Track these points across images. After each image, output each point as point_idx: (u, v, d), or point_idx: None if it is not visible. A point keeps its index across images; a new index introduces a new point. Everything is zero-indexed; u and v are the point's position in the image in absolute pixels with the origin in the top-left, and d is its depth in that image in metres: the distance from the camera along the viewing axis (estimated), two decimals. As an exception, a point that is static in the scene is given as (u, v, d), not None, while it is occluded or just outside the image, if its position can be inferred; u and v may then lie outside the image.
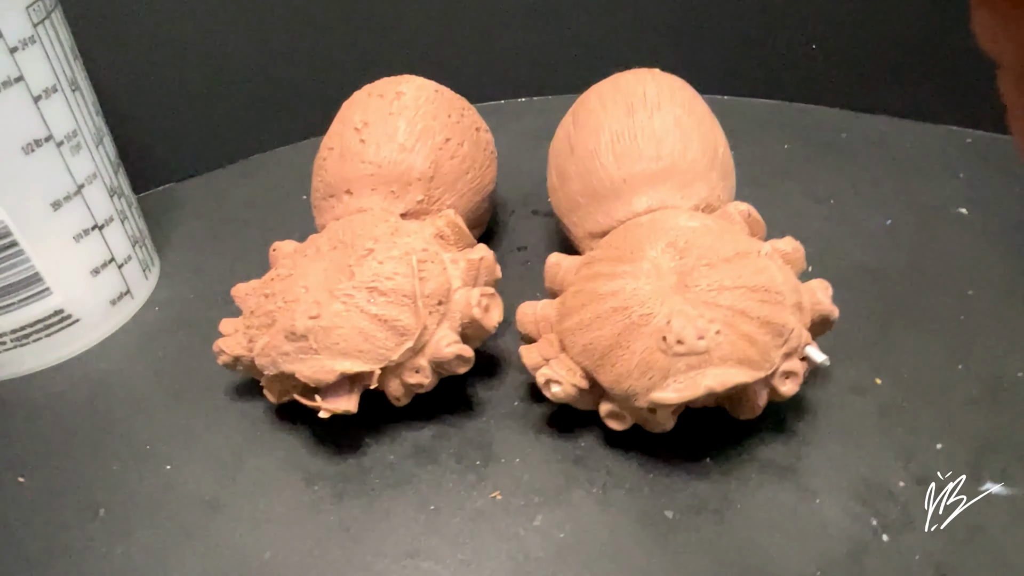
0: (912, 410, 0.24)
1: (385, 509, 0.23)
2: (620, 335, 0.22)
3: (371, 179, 0.28)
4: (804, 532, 0.21)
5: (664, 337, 0.21)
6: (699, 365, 0.21)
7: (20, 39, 0.25)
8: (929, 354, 0.26)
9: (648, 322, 0.22)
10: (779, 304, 0.22)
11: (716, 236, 0.23)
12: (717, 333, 0.21)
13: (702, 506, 0.22)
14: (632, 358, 0.22)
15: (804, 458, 0.23)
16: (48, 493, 0.25)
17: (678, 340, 0.21)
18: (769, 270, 0.22)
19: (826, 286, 0.24)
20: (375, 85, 0.30)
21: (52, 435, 0.27)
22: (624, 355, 0.22)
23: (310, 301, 0.24)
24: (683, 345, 0.21)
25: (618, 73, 0.29)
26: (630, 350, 0.22)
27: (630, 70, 0.29)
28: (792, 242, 0.25)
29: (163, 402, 0.28)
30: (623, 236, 0.25)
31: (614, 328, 0.22)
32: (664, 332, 0.21)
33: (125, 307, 0.31)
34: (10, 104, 0.25)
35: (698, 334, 0.21)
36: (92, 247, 0.29)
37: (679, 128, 0.26)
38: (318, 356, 0.23)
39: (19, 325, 0.28)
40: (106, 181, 0.30)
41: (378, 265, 0.24)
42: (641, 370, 0.22)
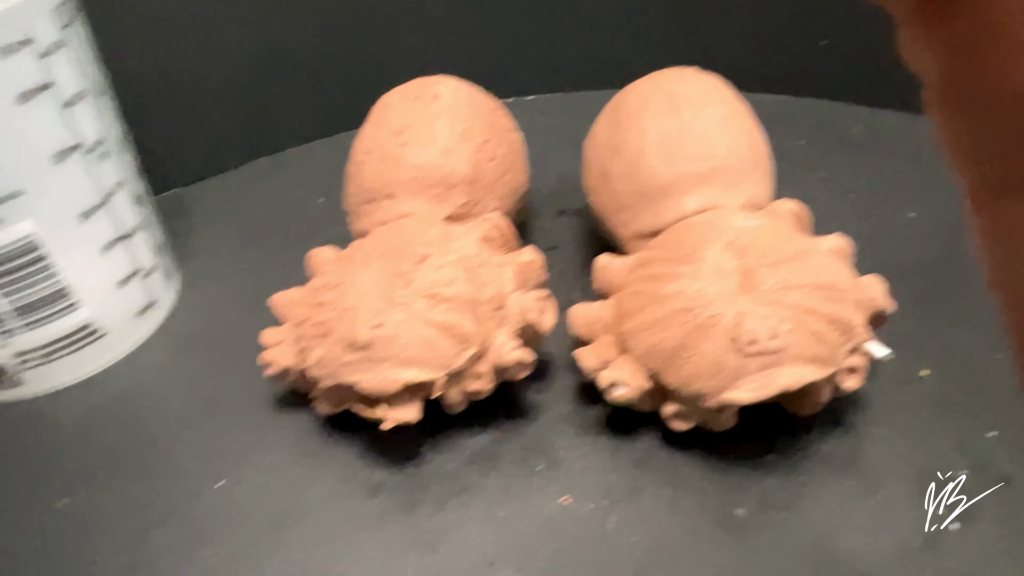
0: (962, 400, 0.25)
1: (453, 519, 0.23)
2: (687, 336, 0.22)
3: (413, 183, 0.27)
4: (876, 525, 0.22)
5: (736, 338, 0.21)
6: (772, 364, 0.21)
7: (50, 43, 0.24)
8: (970, 345, 0.27)
9: (717, 323, 0.22)
10: (843, 301, 0.22)
11: (774, 235, 0.24)
12: (789, 332, 0.21)
13: (771, 503, 0.23)
14: (702, 359, 0.22)
15: (864, 451, 0.24)
16: (94, 517, 0.24)
17: (751, 340, 0.21)
18: (832, 267, 0.23)
19: (881, 281, 0.24)
20: (409, 87, 0.29)
21: (89, 455, 0.26)
22: (693, 356, 0.22)
23: (369, 310, 0.23)
24: (756, 345, 0.21)
25: (655, 72, 0.29)
26: (699, 351, 0.22)
27: (668, 68, 0.29)
28: (840, 239, 0.25)
29: (203, 417, 0.27)
30: (678, 236, 0.25)
31: (681, 329, 0.22)
32: (736, 332, 0.21)
33: (152, 318, 0.30)
34: (41, 112, 0.24)
35: (771, 333, 0.21)
36: (119, 258, 0.28)
37: (725, 127, 0.26)
38: (381, 366, 0.23)
39: (45, 342, 0.27)
40: (131, 189, 0.29)
41: (436, 271, 0.24)
42: (712, 371, 0.22)
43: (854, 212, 0.34)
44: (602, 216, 0.29)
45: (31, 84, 0.24)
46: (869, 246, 0.31)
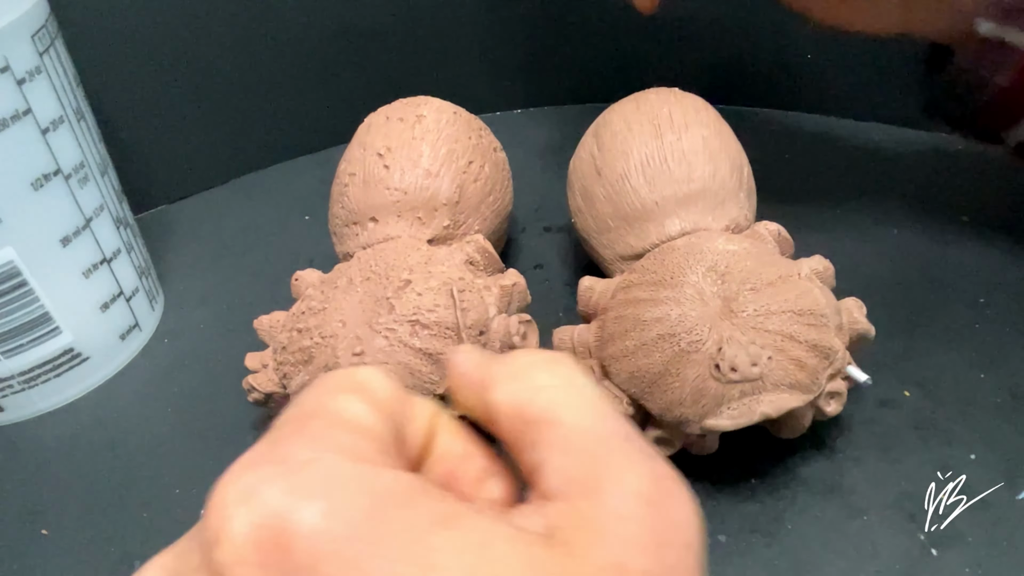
0: (943, 422, 0.25)
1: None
2: (669, 363, 0.22)
3: (397, 205, 0.27)
4: (857, 550, 0.22)
5: (717, 365, 0.21)
6: (753, 391, 0.21)
7: (27, 70, 0.24)
8: (952, 364, 0.27)
9: (698, 349, 0.22)
10: (824, 327, 0.22)
11: (756, 259, 0.24)
12: (769, 359, 0.21)
13: (753, 528, 0.23)
14: (684, 386, 0.22)
15: (847, 475, 0.24)
16: (76, 546, 0.24)
17: (732, 368, 0.21)
18: (812, 293, 0.23)
19: (860, 305, 0.24)
20: (393, 108, 0.29)
21: (71, 481, 0.26)
22: (675, 383, 0.22)
23: (351, 337, 0.23)
24: (737, 372, 0.21)
25: (638, 93, 0.29)
26: (680, 378, 0.22)
27: (651, 89, 0.29)
28: (822, 261, 0.25)
29: (186, 442, 0.27)
30: (660, 260, 0.25)
31: (662, 356, 0.22)
32: (716, 359, 0.21)
33: (134, 341, 0.30)
34: (18, 139, 0.24)
35: (751, 361, 0.21)
36: (101, 281, 0.28)
37: (707, 149, 0.27)
38: (363, 394, 0.23)
39: (28, 367, 0.27)
40: (112, 212, 0.29)
41: (418, 297, 0.24)
42: (694, 398, 0.22)
43: (836, 227, 0.34)
44: (586, 237, 0.29)
45: (8, 111, 0.23)
46: (851, 261, 0.32)
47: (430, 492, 0.13)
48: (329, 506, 0.12)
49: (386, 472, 0.13)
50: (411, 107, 0.29)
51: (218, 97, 0.39)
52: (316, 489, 0.12)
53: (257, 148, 0.41)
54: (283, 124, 0.41)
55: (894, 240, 0.33)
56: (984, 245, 0.32)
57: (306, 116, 0.41)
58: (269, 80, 0.39)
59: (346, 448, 0.14)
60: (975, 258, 0.31)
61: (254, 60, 0.39)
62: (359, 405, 0.15)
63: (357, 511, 0.12)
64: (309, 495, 0.12)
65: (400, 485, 0.13)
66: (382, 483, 0.13)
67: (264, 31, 0.38)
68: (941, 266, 0.31)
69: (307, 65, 0.40)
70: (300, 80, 0.40)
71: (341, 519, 0.12)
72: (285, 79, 0.40)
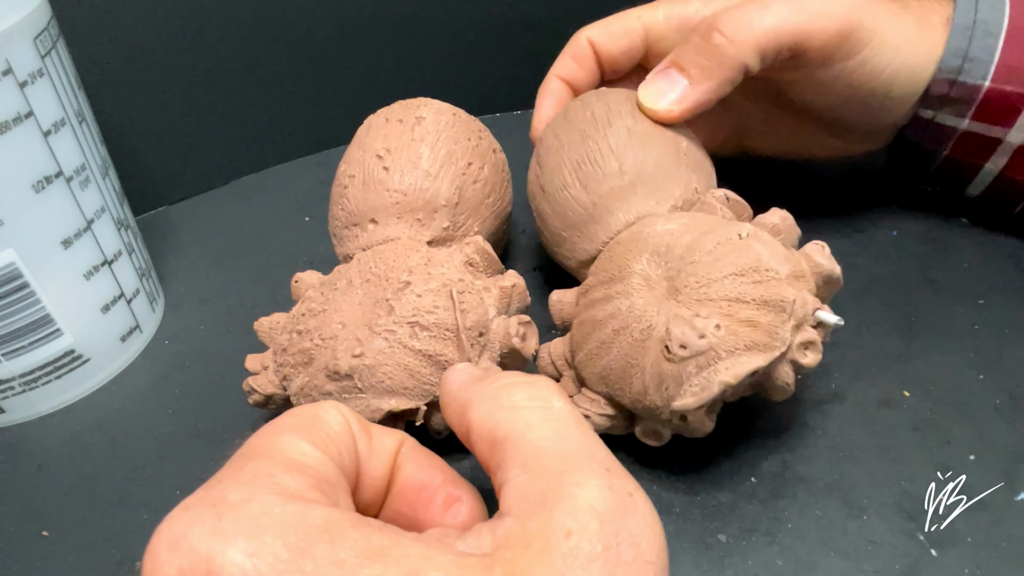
0: (943, 422, 0.25)
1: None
2: (628, 355, 0.22)
3: (396, 207, 0.27)
4: (856, 550, 0.22)
5: (667, 346, 0.21)
6: (708, 363, 0.21)
7: (29, 72, 0.24)
8: (951, 365, 0.27)
9: (650, 335, 0.22)
10: (773, 280, 0.22)
11: (695, 231, 0.23)
12: (717, 327, 0.21)
13: (754, 527, 0.23)
14: (644, 375, 0.22)
15: (846, 474, 0.24)
16: (77, 547, 0.24)
17: (681, 345, 0.21)
18: (752, 250, 0.22)
19: (822, 246, 0.23)
20: (392, 109, 0.29)
21: (72, 483, 0.26)
22: (636, 373, 0.22)
23: (350, 338, 0.23)
24: (687, 349, 0.21)
25: (567, 102, 0.30)
26: (640, 367, 0.22)
27: (578, 96, 0.29)
28: (779, 212, 0.24)
29: (187, 443, 0.27)
30: (608, 257, 0.25)
31: (620, 349, 0.22)
32: (665, 341, 0.21)
33: (135, 343, 0.30)
34: (20, 141, 0.24)
35: (698, 334, 0.21)
36: (102, 283, 0.28)
37: (634, 138, 0.26)
38: (363, 395, 0.23)
39: (29, 368, 0.27)
40: (114, 214, 0.29)
41: (417, 299, 0.24)
42: (656, 384, 0.21)
43: (835, 227, 0.34)
44: (551, 254, 0.29)
45: (10, 114, 0.24)
46: (850, 262, 0.32)
47: (362, 526, 0.13)
48: (254, 545, 0.12)
49: (317, 509, 0.14)
50: (411, 108, 0.29)
51: (218, 98, 0.39)
52: (243, 529, 0.13)
53: (257, 149, 0.41)
54: (283, 125, 0.41)
55: (893, 241, 0.33)
56: (984, 246, 0.32)
57: (306, 117, 0.41)
58: (269, 81, 0.40)
59: (282, 487, 0.14)
60: (973, 259, 0.31)
61: (254, 61, 0.39)
62: (303, 444, 0.15)
63: (283, 549, 0.12)
64: (235, 536, 0.13)
65: (330, 521, 0.13)
66: (312, 520, 0.13)
67: (264, 32, 0.38)
68: (940, 267, 0.31)
69: (307, 66, 0.40)
70: (300, 81, 0.40)
71: (266, 557, 0.12)
72: (285, 80, 0.40)
